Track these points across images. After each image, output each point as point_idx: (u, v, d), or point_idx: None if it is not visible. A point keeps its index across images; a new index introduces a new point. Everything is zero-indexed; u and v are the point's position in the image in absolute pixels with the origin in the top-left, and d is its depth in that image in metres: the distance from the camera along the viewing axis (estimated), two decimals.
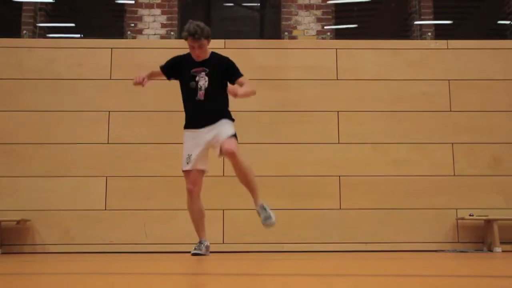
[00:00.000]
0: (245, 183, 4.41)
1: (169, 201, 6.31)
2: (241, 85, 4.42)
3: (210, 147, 4.45)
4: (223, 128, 4.36)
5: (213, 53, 4.53)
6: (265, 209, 4.39)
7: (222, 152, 4.30)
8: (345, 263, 3.19)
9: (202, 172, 4.49)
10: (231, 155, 4.22)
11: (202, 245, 4.51)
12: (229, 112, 4.52)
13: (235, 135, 4.37)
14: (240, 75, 4.46)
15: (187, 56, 4.50)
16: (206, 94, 4.36)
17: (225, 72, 4.45)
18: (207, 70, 4.40)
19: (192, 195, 4.46)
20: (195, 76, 4.37)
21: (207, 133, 4.39)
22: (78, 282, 1.89)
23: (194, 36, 4.26)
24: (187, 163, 4.42)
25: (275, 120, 6.62)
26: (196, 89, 4.35)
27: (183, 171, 4.48)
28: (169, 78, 4.61)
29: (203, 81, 4.37)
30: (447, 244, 6.36)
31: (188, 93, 4.42)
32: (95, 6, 8.56)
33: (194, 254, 4.41)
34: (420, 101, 6.69)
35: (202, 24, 4.32)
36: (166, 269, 2.54)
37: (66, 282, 1.92)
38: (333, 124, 6.63)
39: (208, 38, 4.37)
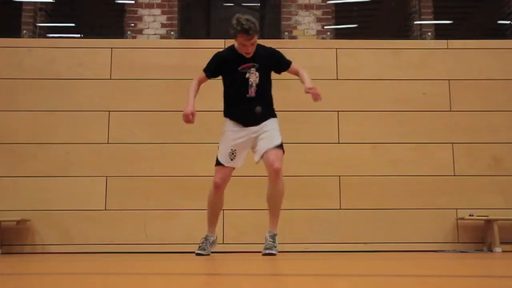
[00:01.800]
0: (272, 204, 4.14)
1: (169, 201, 6.31)
2: (295, 73, 4.19)
3: (252, 147, 4.17)
4: (272, 133, 4.08)
5: (257, 45, 4.14)
6: (274, 239, 4.15)
7: (264, 160, 4.05)
8: (345, 263, 3.18)
9: (234, 168, 4.21)
10: (276, 173, 3.97)
11: (208, 242, 4.39)
12: (273, 109, 4.26)
13: (281, 146, 4.10)
14: (290, 61, 4.15)
15: (231, 52, 4.15)
16: (257, 91, 4.06)
17: (275, 65, 4.15)
18: (257, 65, 4.07)
19: (219, 190, 4.19)
20: (245, 73, 4.05)
21: (254, 132, 4.11)
22: (78, 282, 1.89)
23: (249, 32, 3.90)
24: (231, 159, 4.10)
25: None
26: (247, 86, 4.04)
27: (219, 164, 4.14)
28: (210, 78, 4.26)
29: (253, 77, 4.05)
30: (447, 244, 6.35)
31: (238, 89, 4.08)
32: (95, 6, 8.56)
33: (198, 254, 4.32)
34: (420, 101, 6.69)
35: (252, 18, 3.99)
36: (166, 269, 2.54)
37: (66, 282, 1.92)
38: (333, 124, 6.63)
39: (258, 32, 4.01)
